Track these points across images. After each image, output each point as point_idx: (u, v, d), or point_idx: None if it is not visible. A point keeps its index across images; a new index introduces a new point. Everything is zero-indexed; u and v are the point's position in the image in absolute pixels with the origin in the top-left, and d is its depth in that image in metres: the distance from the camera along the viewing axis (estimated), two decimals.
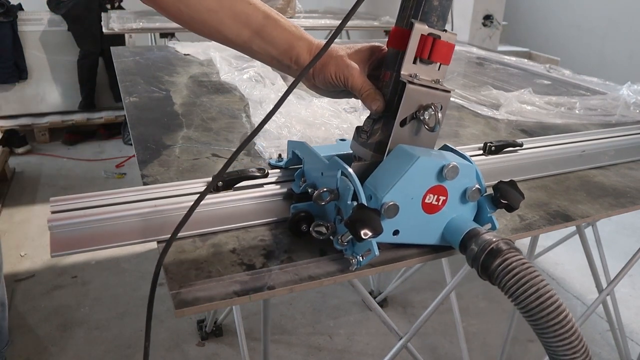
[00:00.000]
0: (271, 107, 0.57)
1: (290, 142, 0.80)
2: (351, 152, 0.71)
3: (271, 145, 0.96)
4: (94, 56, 3.68)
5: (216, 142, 1.01)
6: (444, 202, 0.63)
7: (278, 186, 0.75)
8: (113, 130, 3.88)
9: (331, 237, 0.64)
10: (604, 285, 1.65)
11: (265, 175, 0.76)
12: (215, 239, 0.68)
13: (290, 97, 0.97)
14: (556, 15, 4.79)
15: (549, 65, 1.99)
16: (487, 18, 3.50)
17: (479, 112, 1.34)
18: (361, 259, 0.60)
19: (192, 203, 0.70)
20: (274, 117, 1.06)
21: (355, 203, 0.60)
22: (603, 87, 1.68)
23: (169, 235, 0.66)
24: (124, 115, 1.29)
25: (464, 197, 0.64)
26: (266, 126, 1.03)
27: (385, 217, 0.60)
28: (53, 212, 0.65)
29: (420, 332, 1.68)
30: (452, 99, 0.68)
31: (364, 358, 1.86)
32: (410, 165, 0.59)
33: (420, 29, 0.61)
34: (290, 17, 2.84)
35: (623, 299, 2.18)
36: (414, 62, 0.62)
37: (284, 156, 0.84)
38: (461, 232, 0.62)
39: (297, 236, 0.69)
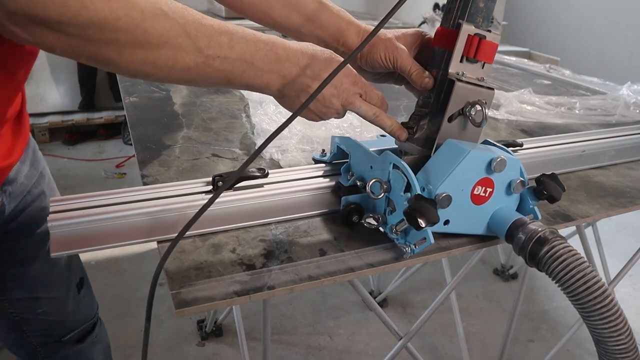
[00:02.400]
0: (271, 107, 0.57)
1: (334, 138, 0.83)
2: (394, 146, 0.75)
3: (271, 145, 0.96)
4: None
5: (216, 142, 1.01)
6: (491, 193, 0.67)
7: (327, 179, 0.78)
8: (113, 130, 3.87)
9: (380, 228, 0.68)
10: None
11: (265, 175, 0.76)
12: (215, 239, 0.68)
13: None
14: (556, 15, 4.79)
15: (549, 65, 1.99)
16: None
17: None
18: (414, 247, 0.64)
19: (193, 203, 0.71)
20: (274, 118, 1.07)
21: (408, 195, 0.63)
22: (603, 87, 1.68)
23: (169, 235, 0.67)
24: (124, 115, 1.29)
25: (509, 189, 0.68)
26: (266, 126, 1.03)
27: (439, 207, 0.62)
28: (53, 212, 0.65)
29: (420, 332, 1.68)
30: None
31: (364, 358, 1.86)
32: (462, 158, 0.63)
33: (467, 29, 0.65)
34: None
35: (623, 299, 2.18)
36: (461, 61, 0.66)
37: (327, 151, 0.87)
38: (507, 222, 0.66)
39: (348, 227, 0.72)
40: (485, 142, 0.72)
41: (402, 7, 0.72)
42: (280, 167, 0.88)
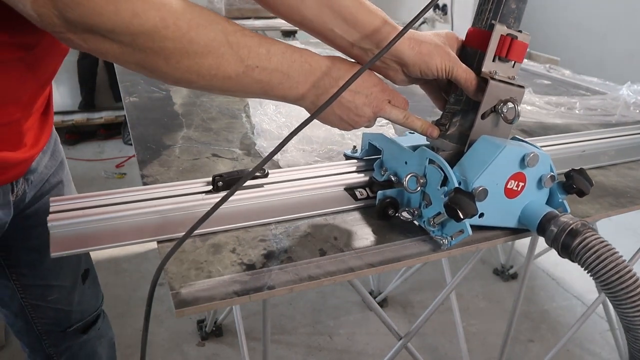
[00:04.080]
0: (271, 107, 0.58)
1: (365, 135, 0.85)
2: (425, 143, 0.77)
3: (271, 145, 0.96)
4: (94, 56, 3.67)
5: (216, 142, 1.01)
6: (523, 187, 0.69)
7: (362, 174, 0.82)
8: (113, 130, 3.87)
9: (415, 222, 0.72)
10: None
11: (266, 175, 0.77)
12: (215, 239, 0.68)
13: None
14: (556, 15, 4.79)
15: (549, 65, 1.99)
16: None
17: None
18: (451, 239, 0.66)
19: (193, 203, 0.71)
20: (274, 118, 1.07)
21: (445, 189, 0.66)
22: (603, 87, 1.68)
23: (169, 235, 0.67)
24: (124, 115, 1.29)
25: (540, 183, 0.71)
26: (266, 126, 1.03)
27: (476, 200, 0.64)
28: (53, 212, 0.65)
29: (420, 332, 1.68)
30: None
31: (364, 358, 1.86)
32: (498, 153, 0.66)
33: (500, 29, 0.67)
34: None
35: None
36: (493, 60, 0.68)
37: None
38: (539, 216, 0.69)
39: (385, 220, 0.74)
40: (514, 139, 0.74)
41: (402, 7, 0.72)
42: (280, 167, 0.88)
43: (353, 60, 0.69)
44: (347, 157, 0.91)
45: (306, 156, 0.92)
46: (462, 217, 0.61)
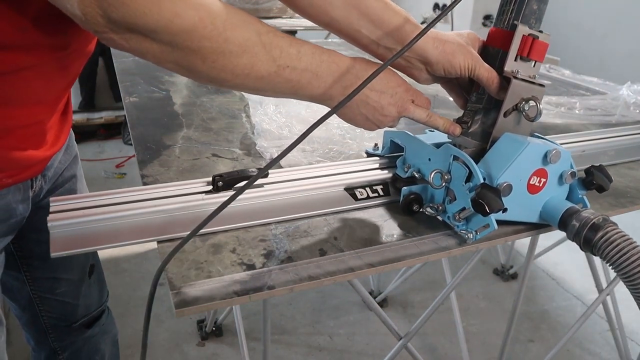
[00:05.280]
0: (271, 107, 0.58)
1: (387, 132, 0.86)
2: (446, 140, 0.79)
3: (272, 145, 0.96)
4: (94, 56, 3.67)
5: (216, 142, 1.01)
6: (544, 183, 0.71)
7: (386, 171, 0.83)
8: (113, 130, 3.88)
9: (438, 217, 0.74)
10: (604, 285, 1.65)
11: (266, 175, 0.77)
12: (215, 239, 0.68)
13: None
14: (556, 15, 4.79)
15: (549, 65, 1.99)
16: (487, 18, 3.50)
17: None
18: (476, 234, 0.68)
19: (193, 203, 0.71)
20: (274, 118, 1.07)
21: (469, 184, 0.68)
22: (603, 87, 1.68)
23: (169, 235, 0.67)
24: (124, 115, 1.29)
25: (561, 179, 0.73)
26: (266, 126, 1.03)
27: (502, 195, 0.66)
28: (53, 212, 0.65)
29: (420, 332, 1.68)
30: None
31: (364, 358, 1.86)
32: (522, 150, 0.67)
33: (522, 30, 0.69)
34: (290, 17, 2.84)
35: (623, 299, 2.18)
36: (515, 60, 0.70)
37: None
38: (560, 211, 0.70)
39: (410, 215, 0.76)
40: (534, 136, 0.76)
41: (402, 7, 0.72)
42: (280, 167, 0.88)
43: (378, 61, 0.70)
44: (369, 155, 0.92)
45: (307, 156, 0.92)
46: (488, 211, 0.63)
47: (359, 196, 0.79)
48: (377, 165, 0.85)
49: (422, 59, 0.70)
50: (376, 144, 0.92)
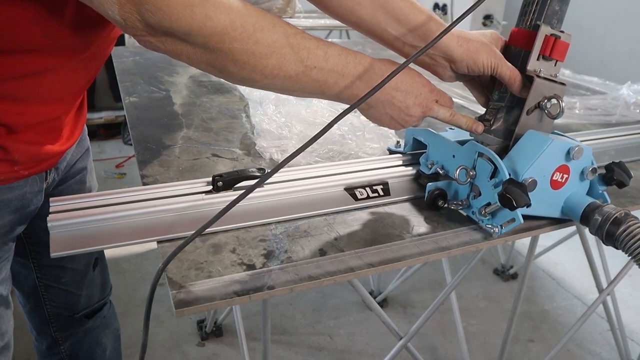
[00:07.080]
0: (271, 107, 0.59)
1: (409, 130, 0.88)
2: (468, 138, 0.80)
3: (271, 145, 0.96)
4: None
5: (216, 142, 1.01)
6: (567, 179, 0.73)
7: (410, 168, 0.85)
8: (113, 130, 3.87)
9: (462, 212, 0.77)
10: (604, 285, 1.65)
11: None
12: (215, 239, 0.68)
13: (291, 97, 0.97)
14: None
15: None
16: (487, 18, 3.50)
17: (480, 112, 1.34)
18: (502, 228, 0.70)
19: (193, 203, 0.71)
20: (274, 118, 1.07)
21: (494, 180, 0.69)
22: (603, 87, 1.68)
23: (169, 235, 0.67)
24: (124, 115, 1.29)
25: (582, 175, 0.75)
26: (266, 126, 1.03)
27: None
28: (53, 212, 0.65)
29: (420, 332, 1.68)
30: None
31: (364, 358, 1.86)
32: (546, 146, 0.69)
33: (545, 30, 0.71)
34: (290, 17, 2.84)
35: (623, 299, 2.18)
36: (537, 59, 0.72)
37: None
38: (582, 206, 0.73)
39: (435, 210, 0.78)
40: (554, 134, 0.77)
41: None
42: None
43: (403, 59, 0.71)
44: (392, 152, 0.94)
45: (306, 156, 0.92)
46: (515, 206, 0.65)
47: (359, 196, 0.79)
48: (400, 162, 0.87)
49: (446, 57, 0.72)
50: (398, 142, 0.95)
